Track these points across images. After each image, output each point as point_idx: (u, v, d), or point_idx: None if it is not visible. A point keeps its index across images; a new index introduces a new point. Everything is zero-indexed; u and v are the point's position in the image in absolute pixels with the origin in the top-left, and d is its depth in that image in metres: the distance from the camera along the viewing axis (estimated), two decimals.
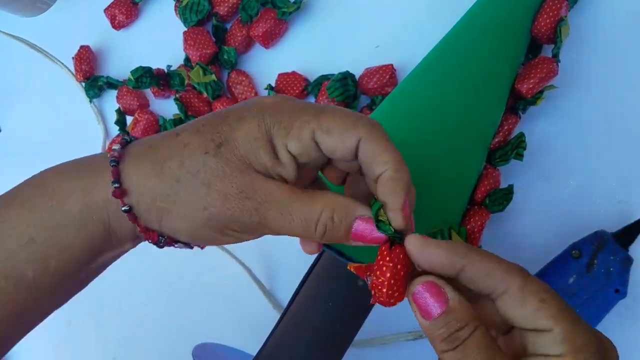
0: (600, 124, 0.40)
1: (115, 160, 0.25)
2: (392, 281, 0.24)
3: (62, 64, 0.57)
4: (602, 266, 0.35)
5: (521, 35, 0.39)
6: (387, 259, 0.24)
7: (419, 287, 0.23)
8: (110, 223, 0.25)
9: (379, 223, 0.24)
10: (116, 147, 0.25)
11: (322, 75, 0.47)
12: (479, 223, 0.37)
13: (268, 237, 0.49)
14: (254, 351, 0.36)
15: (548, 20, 0.38)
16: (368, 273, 0.25)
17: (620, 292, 0.35)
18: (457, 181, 0.35)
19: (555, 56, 0.39)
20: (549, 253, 0.38)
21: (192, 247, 0.27)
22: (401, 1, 0.46)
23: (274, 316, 0.45)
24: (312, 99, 0.48)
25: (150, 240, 0.26)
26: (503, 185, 0.40)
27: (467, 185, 0.36)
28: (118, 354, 0.53)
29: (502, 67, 0.37)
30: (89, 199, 0.25)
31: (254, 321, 0.47)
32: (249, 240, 0.26)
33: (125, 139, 0.26)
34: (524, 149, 0.38)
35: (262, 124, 0.24)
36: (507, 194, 0.38)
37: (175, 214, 0.25)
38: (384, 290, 0.24)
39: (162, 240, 0.26)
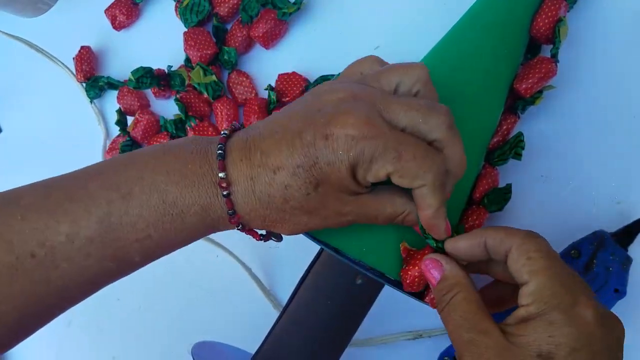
0: (599, 124, 0.40)
1: (227, 192, 0.28)
2: (415, 279, 0.31)
3: (63, 64, 0.57)
4: (601, 266, 0.35)
5: (520, 36, 0.39)
6: (418, 262, 0.31)
7: (424, 262, 0.30)
8: (219, 228, 0.30)
9: (425, 234, 0.30)
10: (222, 175, 0.28)
11: (322, 76, 0.47)
12: (477, 222, 0.37)
13: None
14: (253, 350, 0.36)
15: (547, 21, 0.38)
16: (407, 258, 0.31)
17: (619, 291, 0.35)
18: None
19: (554, 56, 0.39)
20: None
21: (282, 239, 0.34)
22: (401, 2, 0.46)
23: (273, 315, 0.45)
24: None
25: (252, 237, 0.32)
26: (502, 184, 0.40)
27: (466, 184, 0.36)
28: (118, 354, 0.53)
29: (501, 66, 0.37)
30: (206, 215, 0.29)
31: (254, 320, 0.47)
32: None
33: (222, 155, 0.29)
34: (523, 148, 0.38)
35: (349, 167, 0.27)
36: (505, 194, 0.38)
37: (279, 227, 0.30)
38: (407, 281, 0.31)
39: (262, 237, 0.32)
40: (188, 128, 0.50)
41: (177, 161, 0.29)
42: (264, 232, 0.33)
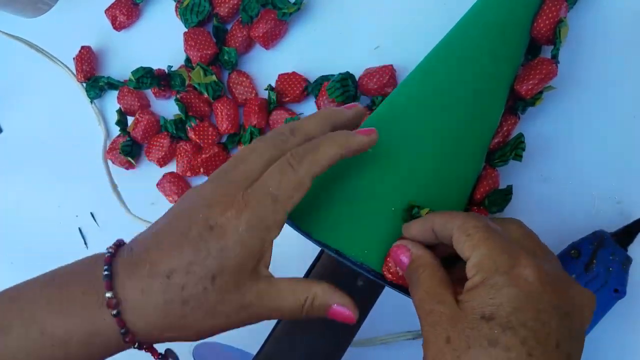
0: (599, 124, 0.40)
1: (117, 310, 0.27)
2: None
3: (63, 64, 0.57)
4: (601, 266, 0.35)
5: (521, 36, 0.39)
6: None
7: (392, 250, 0.31)
8: (112, 352, 0.29)
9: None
10: (109, 294, 0.27)
11: (322, 76, 0.47)
12: None
13: None
14: (254, 351, 0.36)
15: (547, 22, 0.38)
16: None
17: (619, 291, 0.35)
18: (457, 181, 0.35)
19: (555, 57, 0.39)
20: None
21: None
22: (401, 2, 0.46)
23: None
24: (312, 100, 0.48)
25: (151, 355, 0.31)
26: (502, 186, 0.40)
27: (466, 185, 0.36)
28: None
29: (501, 67, 0.37)
30: (92, 342, 0.28)
31: None
32: None
33: (108, 275, 0.28)
34: (523, 149, 0.39)
35: (245, 245, 0.27)
36: (506, 195, 0.38)
37: (183, 336, 0.29)
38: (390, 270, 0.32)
39: (161, 356, 0.32)
40: (188, 128, 0.50)
41: (58, 288, 0.28)
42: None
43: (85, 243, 0.56)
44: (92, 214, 0.55)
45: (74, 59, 0.55)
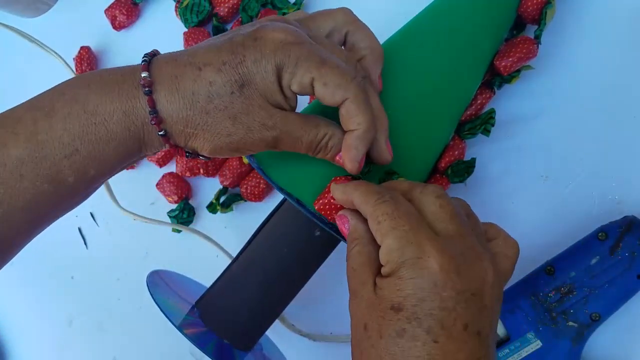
0: (599, 124, 0.40)
1: (148, 89, 0.29)
2: (325, 206, 0.32)
3: (64, 60, 0.57)
4: (626, 250, 0.34)
5: (507, 12, 0.39)
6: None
7: (337, 217, 0.31)
8: (145, 140, 0.30)
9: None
10: (145, 74, 0.29)
11: None
12: None
13: None
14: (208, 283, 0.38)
15: (535, 1, 0.38)
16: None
17: None
18: (424, 147, 0.36)
19: (537, 37, 0.39)
20: (550, 252, 0.38)
21: (210, 159, 0.33)
22: (401, 2, 0.46)
23: None
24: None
25: (179, 154, 0.32)
26: (502, 184, 0.40)
27: (434, 152, 0.37)
28: (118, 354, 0.53)
29: (483, 40, 0.38)
30: (129, 122, 0.29)
31: None
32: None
33: (146, 60, 0.30)
34: (493, 125, 0.39)
35: (274, 69, 0.28)
36: (469, 167, 0.39)
37: (201, 138, 0.30)
38: (319, 201, 0.32)
39: (189, 154, 0.32)
40: None
41: (99, 75, 0.30)
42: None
43: (85, 243, 0.56)
44: (91, 214, 0.55)
45: (73, 59, 0.55)
